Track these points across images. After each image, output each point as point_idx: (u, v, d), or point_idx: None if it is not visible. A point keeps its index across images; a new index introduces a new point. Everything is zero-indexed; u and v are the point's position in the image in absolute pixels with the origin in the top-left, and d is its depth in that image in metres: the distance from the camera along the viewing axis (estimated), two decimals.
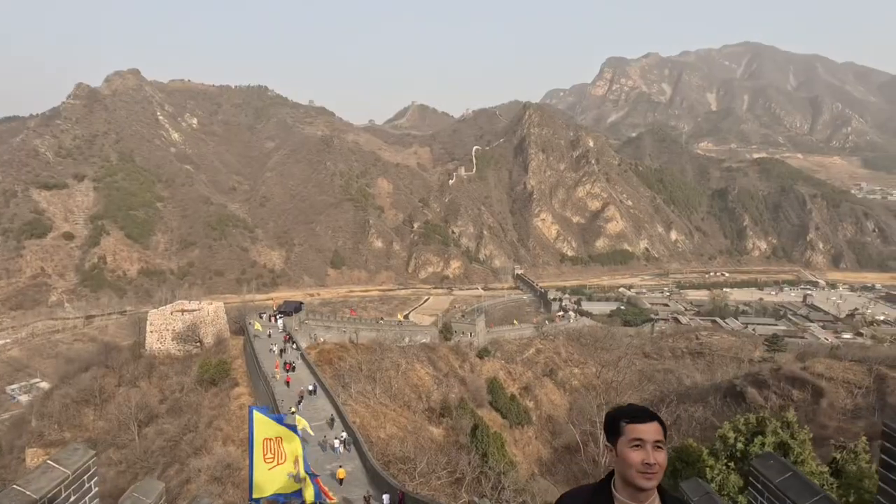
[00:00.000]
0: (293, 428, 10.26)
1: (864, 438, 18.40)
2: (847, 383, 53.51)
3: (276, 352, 54.20)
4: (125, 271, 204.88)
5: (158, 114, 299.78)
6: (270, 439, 9.54)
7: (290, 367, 49.54)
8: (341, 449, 33.86)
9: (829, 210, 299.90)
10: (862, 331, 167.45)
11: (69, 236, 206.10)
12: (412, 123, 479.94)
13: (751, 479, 5.00)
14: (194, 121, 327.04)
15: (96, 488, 4.00)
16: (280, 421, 10.11)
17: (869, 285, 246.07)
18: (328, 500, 12.72)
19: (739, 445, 17.85)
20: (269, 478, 9.43)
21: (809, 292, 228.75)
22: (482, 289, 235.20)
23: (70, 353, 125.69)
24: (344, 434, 35.70)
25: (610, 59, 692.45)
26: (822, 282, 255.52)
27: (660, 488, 3.41)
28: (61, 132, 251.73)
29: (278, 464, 9.55)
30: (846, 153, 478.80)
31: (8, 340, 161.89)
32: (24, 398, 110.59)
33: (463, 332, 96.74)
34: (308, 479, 10.31)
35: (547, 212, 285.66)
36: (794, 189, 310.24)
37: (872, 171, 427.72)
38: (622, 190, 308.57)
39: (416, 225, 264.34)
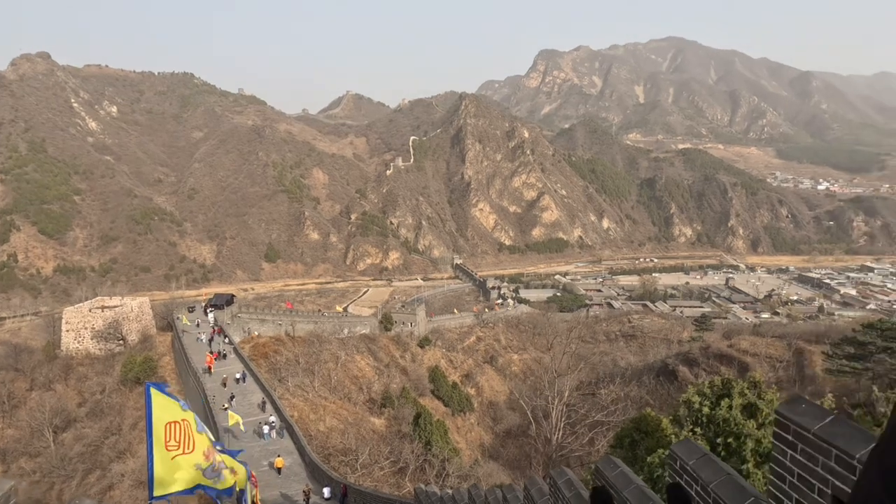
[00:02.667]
0: (199, 423, 8.74)
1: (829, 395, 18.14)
2: (769, 358, 56.47)
3: (205, 341, 51.97)
4: (39, 269, 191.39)
5: (73, 101, 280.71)
6: (174, 423, 7.91)
7: (218, 356, 47.56)
8: (273, 435, 32.83)
9: (748, 198, 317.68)
10: (778, 310, 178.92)
11: None
12: (347, 113, 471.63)
13: (668, 461, 4.82)
14: (114, 109, 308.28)
15: None
16: (185, 407, 8.55)
17: (784, 268, 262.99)
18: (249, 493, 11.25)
19: (705, 410, 17.00)
20: (174, 470, 7.76)
21: (731, 275, 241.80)
22: (422, 279, 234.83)
23: None
24: (273, 418, 34.69)
25: (543, 52, 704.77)
26: (742, 265, 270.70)
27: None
28: None
29: (184, 452, 7.91)
30: (762, 144, 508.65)
31: None
32: None
33: (403, 323, 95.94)
34: (236, 471, 9.02)
35: (484, 201, 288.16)
36: (716, 178, 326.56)
37: (785, 161, 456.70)
38: (556, 180, 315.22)
39: (353, 216, 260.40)
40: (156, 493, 7.56)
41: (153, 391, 7.90)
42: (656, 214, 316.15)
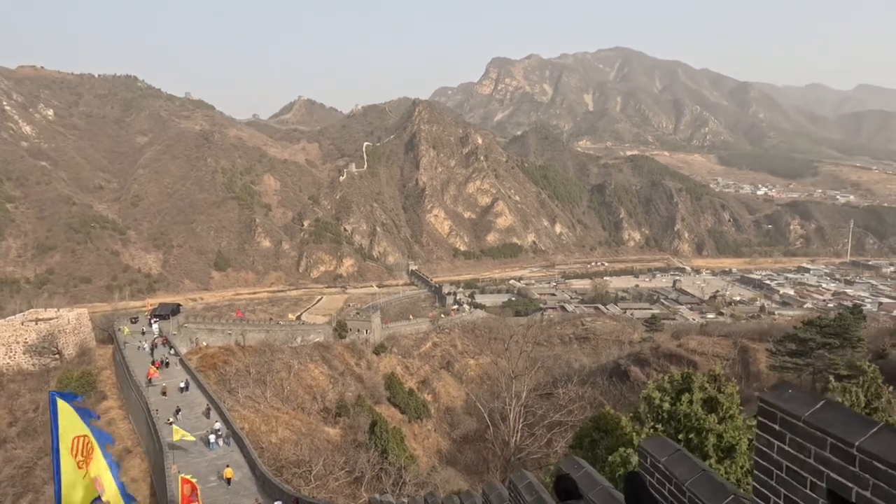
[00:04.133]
0: (100, 436, 7.70)
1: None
2: (716, 356, 58.25)
3: (147, 349, 49.99)
4: None
5: (5, 103, 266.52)
6: (80, 438, 7.20)
7: (160, 365, 45.80)
8: (220, 443, 31.76)
9: (693, 202, 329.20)
10: (723, 310, 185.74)
11: None
12: (299, 119, 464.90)
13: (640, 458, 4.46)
14: (50, 112, 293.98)
15: None
16: (87, 417, 7.48)
17: (727, 270, 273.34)
18: None
19: (666, 405, 16.53)
20: (80, 483, 7.02)
21: (678, 278, 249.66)
22: (377, 286, 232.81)
23: None
24: (218, 425, 33.57)
25: (495, 60, 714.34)
26: (688, 268, 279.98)
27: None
28: None
29: (87, 469, 7.22)
30: (705, 151, 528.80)
31: None
32: None
33: (358, 330, 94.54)
34: None
35: (439, 207, 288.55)
36: (662, 184, 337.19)
37: (727, 168, 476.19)
38: (510, 186, 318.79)
39: (306, 223, 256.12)
40: None
41: (60, 402, 7.05)
42: (606, 219, 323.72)
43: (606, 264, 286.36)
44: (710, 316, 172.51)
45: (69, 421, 7.11)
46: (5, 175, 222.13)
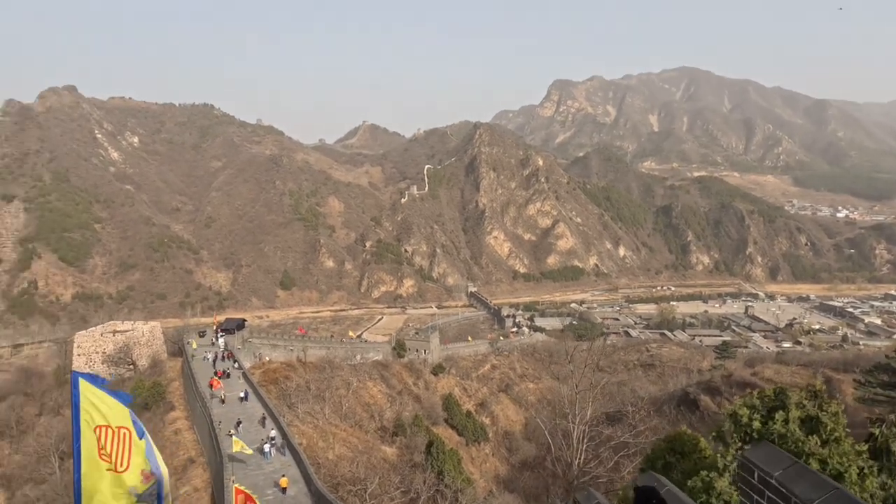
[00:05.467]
0: (138, 427, 6.35)
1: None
2: (795, 387, 54.37)
3: (210, 360, 51.64)
4: (58, 296, 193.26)
5: (97, 132, 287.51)
6: (109, 428, 5.94)
7: (222, 375, 47.17)
8: (273, 452, 32.27)
9: (766, 225, 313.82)
10: (800, 339, 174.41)
11: None
12: (363, 143, 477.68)
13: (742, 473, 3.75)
14: (135, 139, 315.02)
15: None
16: (126, 402, 6.28)
17: (804, 296, 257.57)
18: None
19: (756, 424, 14.67)
20: (104, 487, 5.82)
21: (751, 304, 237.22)
22: (436, 307, 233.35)
23: None
24: (273, 432, 34.12)
25: (557, 82, 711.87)
26: (761, 294, 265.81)
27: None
28: None
29: (116, 470, 5.93)
30: (778, 172, 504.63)
31: None
32: None
33: (417, 350, 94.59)
34: None
35: (499, 229, 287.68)
36: (732, 206, 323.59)
37: (802, 189, 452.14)
38: (571, 207, 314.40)
39: (368, 244, 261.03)
40: None
41: (83, 383, 5.90)
42: (673, 242, 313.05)
43: (673, 289, 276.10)
44: (787, 345, 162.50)
45: (94, 408, 5.94)
46: (94, 198, 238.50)
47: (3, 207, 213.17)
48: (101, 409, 5.94)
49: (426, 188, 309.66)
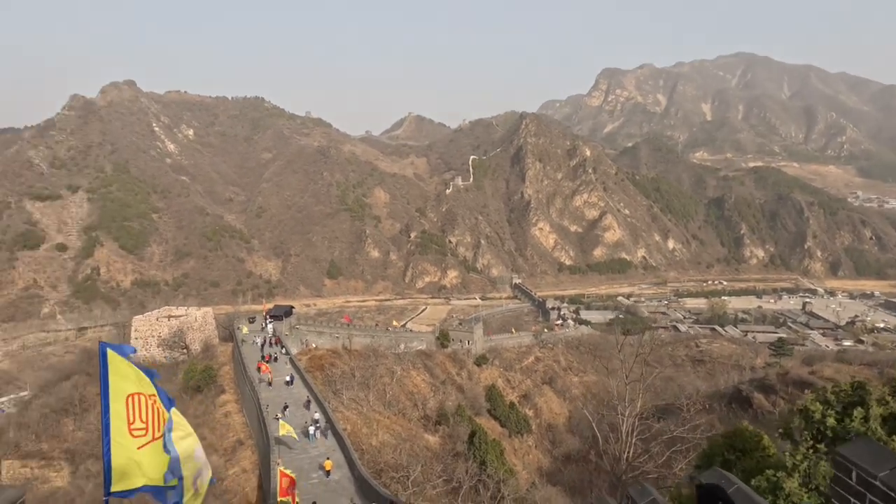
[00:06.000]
0: (167, 398, 6.18)
1: None
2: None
3: (258, 344, 53.14)
4: (119, 283, 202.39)
5: (154, 125, 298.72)
6: (139, 396, 5.71)
7: (269, 359, 48.50)
8: (318, 435, 33.07)
9: (827, 218, 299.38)
10: (863, 338, 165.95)
11: (62, 247, 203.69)
12: (409, 134, 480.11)
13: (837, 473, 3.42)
14: (190, 132, 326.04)
15: None
16: (152, 377, 6.03)
17: (868, 293, 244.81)
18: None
19: (830, 421, 13.36)
20: (138, 460, 5.54)
21: (808, 300, 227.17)
22: (480, 298, 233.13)
23: (60, 366, 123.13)
24: (317, 415, 34.91)
25: (605, 70, 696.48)
26: (820, 289, 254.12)
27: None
28: (56, 143, 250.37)
29: (153, 438, 5.72)
30: (841, 162, 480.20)
31: None
32: (12, 411, 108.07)
33: (460, 341, 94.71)
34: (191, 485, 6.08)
35: (544, 221, 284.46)
36: (790, 197, 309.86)
37: (868, 180, 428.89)
38: (619, 199, 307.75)
39: (413, 234, 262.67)
40: (114, 487, 5.43)
41: (111, 354, 5.59)
42: (725, 235, 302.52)
43: (725, 283, 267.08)
44: (848, 343, 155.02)
45: (124, 377, 5.71)
46: (152, 188, 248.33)
47: (68, 198, 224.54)
48: (131, 378, 5.68)
49: (471, 179, 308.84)
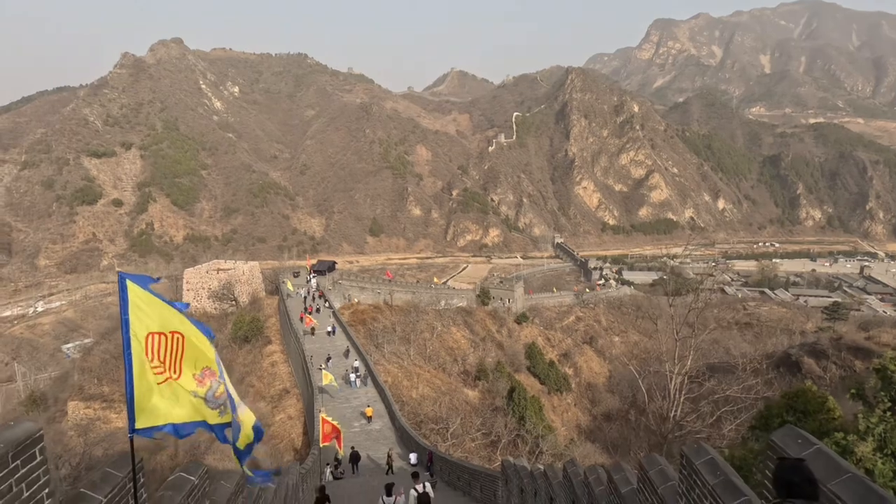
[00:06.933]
0: (204, 328, 5.53)
1: None
2: None
3: (302, 297, 54.76)
4: (171, 237, 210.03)
5: (201, 82, 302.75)
6: (162, 335, 5.20)
7: (312, 310, 50.00)
8: (358, 383, 34.38)
9: (892, 177, 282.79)
10: None
11: (118, 203, 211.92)
12: (451, 90, 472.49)
13: None
14: (236, 89, 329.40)
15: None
16: (182, 310, 5.50)
17: None
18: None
19: None
20: (159, 397, 5.16)
21: (867, 264, 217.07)
22: (521, 257, 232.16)
23: (118, 315, 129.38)
24: (357, 363, 36.38)
25: (657, 21, 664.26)
26: (881, 253, 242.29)
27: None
28: (109, 101, 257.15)
29: (171, 377, 5.26)
30: None
31: (63, 302, 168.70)
32: (77, 356, 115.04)
33: (501, 299, 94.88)
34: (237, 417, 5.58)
35: (588, 179, 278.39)
36: (853, 155, 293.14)
37: None
38: (668, 157, 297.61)
39: (454, 192, 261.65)
40: (139, 424, 5.05)
41: (130, 284, 5.14)
42: (780, 195, 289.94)
43: (777, 245, 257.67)
44: None
45: (144, 313, 5.18)
46: (201, 146, 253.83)
47: (122, 154, 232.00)
48: (151, 315, 5.16)
49: (514, 136, 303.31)
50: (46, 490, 3.64)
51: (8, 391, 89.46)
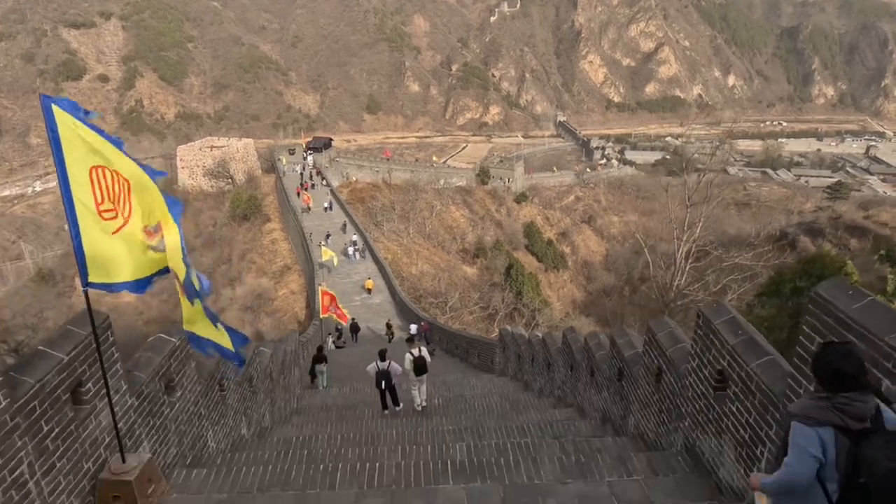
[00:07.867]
0: (151, 171, 4.38)
1: None
2: None
3: (298, 173, 54.43)
4: (163, 115, 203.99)
5: None
6: (103, 170, 4.07)
7: (308, 186, 49.82)
8: (357, 256, 35.28)
9: None
10: None
11: (104, 78, 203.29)
12: None
13: None
14: None
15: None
16: (118, 145, 4.18)
17: None
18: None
19: None
20: (115, 247, 4.19)
21: (874, 143, 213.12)
22: (522, 136, 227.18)
23: None
24: (355, 237, 36.93)
25: None
26: (889, 132, 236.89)
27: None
28: None
29: (125, 222, 4.23)
30: None
31: (53, 184, 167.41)
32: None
33: (500, 178, 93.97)
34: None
35: (595, 53, 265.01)
36: (875, 27, 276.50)
37: None
38: (679, 28, 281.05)
39: (454, 67, 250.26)
40: (91, 277, 4.18)
41: (58, 112, 3.83)
42: (794, 71, 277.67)
43: (784, 124, 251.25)
44: None
45: (82, 143, 3.95)
46: (184, 15, 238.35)
47: (102, 25, 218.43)
48: (92, 145, 4.06)
49: (517, 5, 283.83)
50: None
51: (18, 268, 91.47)
